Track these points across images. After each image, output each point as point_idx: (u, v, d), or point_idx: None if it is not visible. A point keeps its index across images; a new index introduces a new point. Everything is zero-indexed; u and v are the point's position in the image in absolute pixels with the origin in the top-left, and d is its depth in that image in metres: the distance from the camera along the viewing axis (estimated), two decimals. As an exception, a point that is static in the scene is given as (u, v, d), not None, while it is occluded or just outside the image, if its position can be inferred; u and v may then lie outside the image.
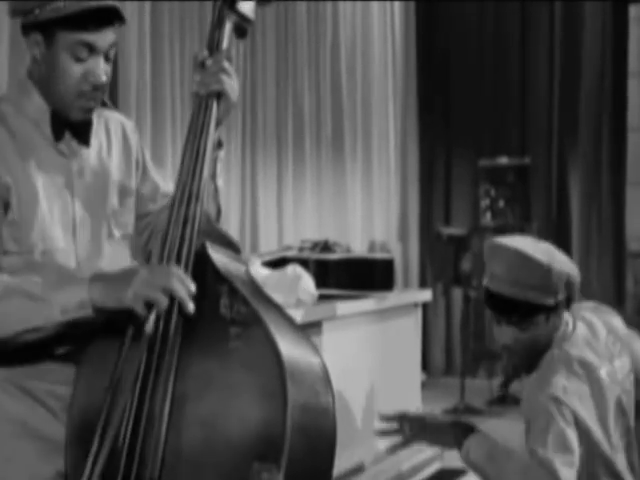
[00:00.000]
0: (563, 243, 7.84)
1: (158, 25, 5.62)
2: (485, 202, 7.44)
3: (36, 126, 2.04)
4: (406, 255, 8.29)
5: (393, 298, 3.44)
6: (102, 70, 1.99)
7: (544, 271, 2.44)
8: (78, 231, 2.06)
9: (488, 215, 7.42)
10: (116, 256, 2.11)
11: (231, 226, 6.20)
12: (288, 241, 6.68)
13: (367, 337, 3.12)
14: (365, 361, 3.09)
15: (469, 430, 2.44)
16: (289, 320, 1.85)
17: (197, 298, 1.79)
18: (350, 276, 4.55)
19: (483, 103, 8.32)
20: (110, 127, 2.18)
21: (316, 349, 1.83)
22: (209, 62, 2.00)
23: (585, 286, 3.19)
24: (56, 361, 2.01)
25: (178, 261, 1.84)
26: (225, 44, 2.03)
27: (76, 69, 1.97)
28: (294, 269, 3.12)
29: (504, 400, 7.02)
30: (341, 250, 5.90)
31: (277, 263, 3.68)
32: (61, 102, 2.01)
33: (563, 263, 2.50)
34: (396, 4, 8.33)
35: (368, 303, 3.18)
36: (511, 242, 2.54)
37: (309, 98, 7.26)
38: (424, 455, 3.28)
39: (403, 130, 8.38)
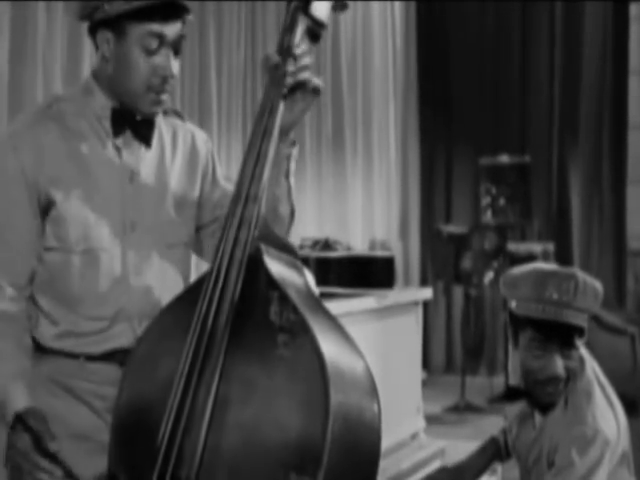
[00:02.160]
0: (564, 241, 7.85)
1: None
2: (486, 200, 7.43)
3: (97, 123, 2.05)
4: (407, 253, 8.29)
5: (394, 296, 3.44)
6: (171, 63, 2.01)
7: (573, 282, 2.37)
8: (127, 235, 2.05)
9: (489, 213, 7.42)
10: (166, 266, 2.10)
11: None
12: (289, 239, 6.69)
13: (367, 335, 3.12)
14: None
15: None
16: (341, 330, 1.81)
17: (248, 302, 1.78)
18: (351, 274, 4.56)
19: (484, 101, 8.33)
20: (178, 136, 2.17)
21: (366, 362, 1.80)
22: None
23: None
24: (100, 362, 2.03)
25: (230, 263, 1.81)
26: (295, 49, 1.96)
27: (146, 62, 1.98)
28: (295, 267, 3.12)
29: (505, 398, 7.01)
30: (342, 248, 5.92)
31: (278, 261, 3.67)
32: (131, 97, 2.02)
33: (588, 278, 2.43)
34: (397, 3, 8.33)
35: (368, 301, 3.18)
36: (527, 266, 2.50)
37: (310, 97, 7.26)
38: (424, 453, 3.28)
39: (404, 128, 8.38)
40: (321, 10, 1.99)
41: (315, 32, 2.02)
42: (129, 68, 1.99)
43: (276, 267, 1.83)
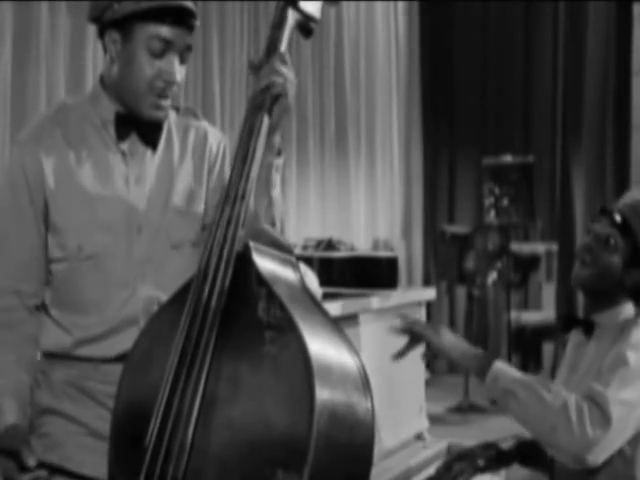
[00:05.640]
0: (567, 241, 7.85)
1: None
2: (489, 200, 7.44)
3: (102, 129, 2.08)
4: (410, 253, 8.30)
5: (397, 296, 3.45)
6: (176, 69, 2.02)
7: None
8: (134, 238, 2.08)
9: (492, 213, 7.42)
10: (173, 266, 2.10)
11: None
12: (292, 239, 6.70)
13: (371, 335, 3.13)
14: (369, 359, 3.09)
15: (492, 358, 2.39)
16: (334, 327, 1.79)
17: (239, 300, 1.77)
18: (354, 274, 4.54)
19: (487, 101, 8.33)
20: (189, 134, 2.18)
21: (359, 360, 1.78)
22: (264, 66, 1.91)
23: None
24: (114, 363, 2.04)
25: (219, 261, 1.80)
26: (283, 46, 1.95)
27: (151, 64, 2.00)
28: (298, 267, 3.12)
29: (561, 328, 7.00)
30: (345, 248, 5.92)
31: (281, 261, 3.66)
32: (133, 99, 2.04)
33: None
34: (400, 4, 8.34)
35: (372, 301, 3.18)
36: None
37: (313, 97, 7.27)
38: (428, 453, 3.29)
39: (407, 128, 8.39)
40: (312, 3, 1.98)
41: (307, 27, 2.02)
42: (134, 68, 2.01)
43: (265, 264, 1.82)
